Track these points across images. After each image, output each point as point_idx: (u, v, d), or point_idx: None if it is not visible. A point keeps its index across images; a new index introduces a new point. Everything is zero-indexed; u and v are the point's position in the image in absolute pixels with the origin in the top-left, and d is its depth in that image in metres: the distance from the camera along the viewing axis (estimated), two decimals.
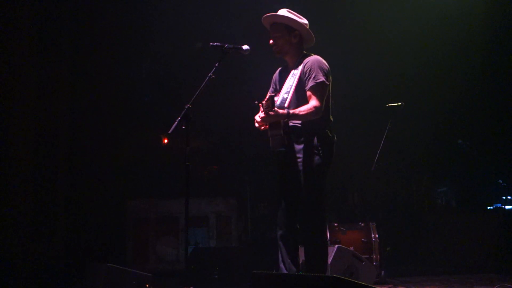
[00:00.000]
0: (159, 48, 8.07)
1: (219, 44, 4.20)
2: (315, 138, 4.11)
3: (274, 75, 4.48)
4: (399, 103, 6.09)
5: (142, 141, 8.11)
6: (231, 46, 4.20)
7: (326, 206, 4.17)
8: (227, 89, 7.51)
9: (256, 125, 4.13)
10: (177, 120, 3.91)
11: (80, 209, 6.45)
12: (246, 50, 4.25)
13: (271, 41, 4.29)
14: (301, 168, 4.11)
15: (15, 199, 5.67)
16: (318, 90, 4.08)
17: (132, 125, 7.67)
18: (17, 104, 5.80)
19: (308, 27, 4.29)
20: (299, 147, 4.13)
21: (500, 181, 6.95)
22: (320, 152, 4.10)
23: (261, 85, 4.70)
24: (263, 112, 3.97)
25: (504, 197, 7.15)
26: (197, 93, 4.03)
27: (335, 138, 4.23)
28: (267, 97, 3.97)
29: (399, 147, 7.42)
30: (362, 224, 6.03)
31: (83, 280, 5.32)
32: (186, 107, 3.95)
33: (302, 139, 4.13)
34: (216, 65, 4.12)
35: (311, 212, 4.09)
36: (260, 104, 3.98)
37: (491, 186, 7.42)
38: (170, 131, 3.89)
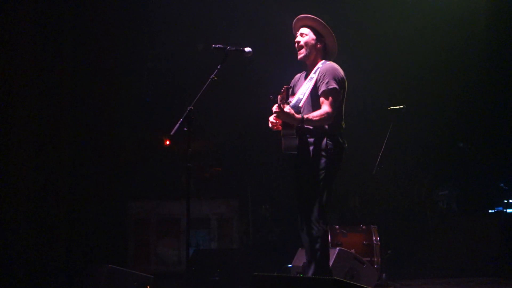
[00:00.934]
0: (161, 49, 8.08)
1: (221, 46, 4.20)
2: (324, 142, 4.13)
3: (294, 78, 4.55)
4: (401, 106, 6.10)
5: (143, 143, 8.11)
6: (233, 48, 4.21)
7: (327, 209, 4.17)
8: (229, 91, 7.51)
9: (270, 125, 4.18)
10: (179, 122, 3.91)
11: (81, 210, 6.45)
12: (249, 52, 4.25)
13: (296, 39, 4.35)
14: (307, 169, 4.14)
15: (16, 200, 5.67)
16: (330, 96, 4.14)
17: (134, 127, 7.67)
18: (18, 105, 5.81)
19: (335, 40, 4.35)
20: (309, 148, 4.16)
21: (502, 184, 6.94)
22: (328, 155, 4.12)
23: (263, 86, 4.71)
24: (277, 107, 3.99)
25: (505, 201, 7.14)
26: (199, 95, 4.04)
27: (346, 144, 4.25)
28: (283, 89, 4.00)
29: (401, 150, 7.41)
30: (363, 226, 6.02)
31: (84, 281, 5.33)
32: (188, 108, 3.96)
33: (312, 140, 4.17)
34: (218, 67, 4.12)
35: (312, 214, 4.09)
36: (276, 99, 4.00)
37: (492, 189, 7.41)
38: (172, 133, 3.89)
